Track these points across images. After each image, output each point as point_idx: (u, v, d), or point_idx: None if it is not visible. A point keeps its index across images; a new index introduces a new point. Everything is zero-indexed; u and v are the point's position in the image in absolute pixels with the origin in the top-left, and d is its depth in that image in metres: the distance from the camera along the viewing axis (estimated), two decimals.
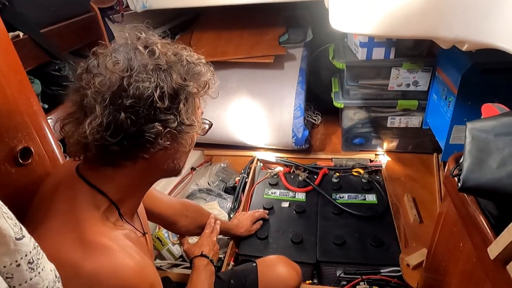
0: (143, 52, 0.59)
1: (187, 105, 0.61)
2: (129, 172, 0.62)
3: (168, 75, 0.58)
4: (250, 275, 1.01)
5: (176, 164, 0.67)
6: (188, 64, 0.62)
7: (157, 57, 0.59)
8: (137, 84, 0.55)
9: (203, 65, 0.65)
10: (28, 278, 0.39)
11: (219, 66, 1.70)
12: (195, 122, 0.63)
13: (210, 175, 1.75)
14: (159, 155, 0.62)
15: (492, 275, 0.59)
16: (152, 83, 0.56)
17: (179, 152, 0.66)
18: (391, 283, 1.14)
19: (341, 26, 0.96)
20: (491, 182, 0.54)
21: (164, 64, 0.59)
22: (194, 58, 0.65)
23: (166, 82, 0.57)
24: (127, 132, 0.56)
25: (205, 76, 0.65)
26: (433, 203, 1.36)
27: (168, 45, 0.63)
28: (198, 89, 0.63)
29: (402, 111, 1.56)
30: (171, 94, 0.58)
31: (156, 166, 0.64)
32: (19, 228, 0.38)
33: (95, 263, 0.53)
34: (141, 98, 0.55)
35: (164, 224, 1.10)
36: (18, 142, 0.71)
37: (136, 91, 0.55)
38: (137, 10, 1.52)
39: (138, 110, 0.55)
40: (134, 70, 0.56)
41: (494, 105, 0.70)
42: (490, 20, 0.65)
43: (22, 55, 0.80)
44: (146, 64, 0.57)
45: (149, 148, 0.59)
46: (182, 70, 0.61)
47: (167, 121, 0.58)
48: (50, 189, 0.64)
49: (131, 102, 0.55)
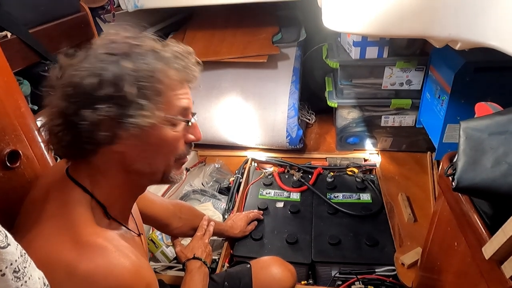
0: (104, 43, 0.59)
1: (142, 97, 0.55)
2: (105, 171, 0.61)
3: (115, 64, 0.55)
4: (244, 277, 1.00)
5: (152, 167, 0.63)
6: (153, 54, 0.58)
7: (111, 47, 0.57)
8: (76, 73, 0.55)
9: (174, 56, 0.61)
10: (14, 287, 0.38)
11: (212, 65, 1.69)
12: (155, 117, 0.57)
13: (204, 175, 1.74)
14: (125, 150, 0.59)
15: (486, 275, 0.59)
16: (92, 71, 0.54)
17: (149, 152, 0.61)
18: (386, 282, 1.14)
19: (334, 25, 0.96)
20: (486, 181, 0.54)
21: (116, 53, 0.56)
22: (171, 49, 0.61)
23: (110, 70, 0.54)
24: (68, 119, 0.55)
25: (173, 64, 0.60)
26: (427, 202, 1.37)
27: (130, 37, 0.60)
28: (161, 79, 0.57)
29: (395, 110, 1.56)
30: (113, 83, 0.54)
31: (128, 165, 0.61)
32: (4, 236, 0.37)
33: (90, 264, 0.52)
34: (79, 85, 0.54)
35: (157, 226, 1.08)
36: (6, 145, 0.70)
37: (77, 79, 0.54)
38: (129, 10, 1.50)
39: (78, 98, 0.55)
40: (82, 61, 0.56)
41: (488, 104, 0.70)
42: (483, 19, 0.65)
43: (9, 55, 0.78)
44: (97, 55, 0.56)
45: (96, 138, 0.56)
46: (140, 59, 0.56)
47: (103, 110, 0.54)
48: (41, 192, 0.63)
49: (70, 90, 0.55)
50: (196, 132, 0.68)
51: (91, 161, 0.60)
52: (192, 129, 0.67)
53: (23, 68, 0.98)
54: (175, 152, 0.64)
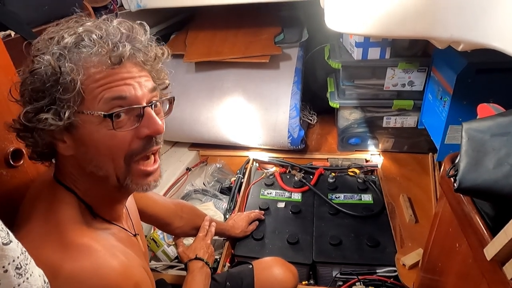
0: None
1: (48, 95, 0.51)
2: (76, 175, 0.60)
3: (32, 62, 0.53)
4: (246, 278, 1.00)
5: (101, 170, 0.56)
6: (71, 41, 0.52)
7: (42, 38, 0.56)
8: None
9: (105, 38, 0.53)
10: (16, 284, 0.38)
11: (214, 66, 1.69)
12: (79, 115, 0.52)
13: (206, 175, 1.74)
14: (74, 156, 0.56)
15: (488, 276, 0.59)
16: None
17: (90, 154, 0.55)
18: (387, 283, 1.14)
19: (336, 26, 0.96)
20: (488, 182, 0.54)
21: (40, 48, 0.54)
22: (93, 30, 0.53)
23: (23, 69, 0.53)
24: (20, 119, 0.55)
25: (92, 55, 0.52)
26: (429, 203, 1.36)
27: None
28: (74, 72, 0.50)
29: (397, 111, 1.56)
30: (23, 83, 0.53)
31: (80, 167, 0.58)
32: (6, 233, 0.37)
33: (75, 264, 0.51)
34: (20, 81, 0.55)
35: (158, 225, 1.09)
36: (9, 143, 0.70)
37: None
38: (132, 10, 1.51)
39: (22, 96, 0.55)
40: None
41: (490, 105, 0.70)
42: (485, 20, 0.65)
43: (13, 54, 0.79)
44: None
45: (36, 142, 0.55)
46: (46, 54, 0.52)
47: (24, 113, 0.52)
48: (34, 193, 0.63)
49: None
50: (150, 124, 0.55)
51: (62, 163, 0.60)
52: (146, 120, 0.55)
53: None
54: (122, 152, 0.55)
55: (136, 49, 0.56)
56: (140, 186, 0.59)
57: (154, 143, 0.58)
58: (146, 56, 0.57)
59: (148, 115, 0.56)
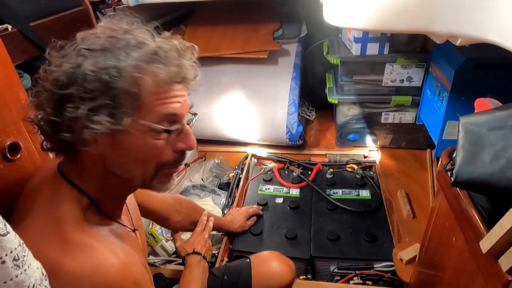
0: (87, 36, 0.55)
1: (111, 100, 0.51)
2: (90, 169, 0.59)
3: (89, 61, 0.51)
4: (244, 271, 1.01)
5: (129, 173, 0.59)
6: (135, 51, 0.52)
7: (89, 42, 0.53)
8: (54, 68, 0.52)
9: (170, 55, 0.55)
10: (14, 275, 0.38)
11: (212, 61, 1.69)
12: (125, 124, 0.52)
13: (204, 171, 1.75)
14: (102, 156, 0.56)
15: (484, 269, 0.59)
16: (67, 67, 0.51)
17: (124, 158, 0.57)
18: (384, 278, 1.14)
19: (335, 21, 0.96)
20: (484, 176, 0.54)
21: (95, 49, 0.52)
22: (160, 46, 0.54)
23: (83, 68, 0.50)
24: (47, 117, 0.54)
25: (158, 68, 0.53)
26: (426, 199, 1.37)
27: (110, 30, 0.55)
28: (133, 85, 0.52)
29: (396, 106, 1.56)
30: (82, 81, 0.50)
31: (107, 168, 0.58)
32: (3, 224, 0.37)
33: (75, 262, 0.52)
34: (53, 82, 0.52)
35: (157, 220, 1.09)
36: (6, 137, 0.70)
37: (52, 75, 0.52)
38: (129, 4, 1.50)
39: (50, 93, 0.53)
40: (66, 54, 0.53)
41: (487, 100, 0.70)
42: (483, 15, 0.65)
43: (10, 48, 0.78)
44: (69, 53, 0.53)
45: (68, 139, 0.54)
46: (113, 59, 0.51)
47: (73, 111, 0.51)
48: (34, 187, 0.63)
49: (48, 84, 0.53)
50: (187, 141, 0.60)
51: (78, 158, 0.59)
52: (183, 137, 0.59)
53: (24, 61, 0.98)
54: (156, 161, 0.58)
55: (193, 71, 0.59)
56: (163, 186, 0.62)
57: (185, 157, 0.62)
58: (193, 77, 0.60)
59: (187, 132, 0.60)
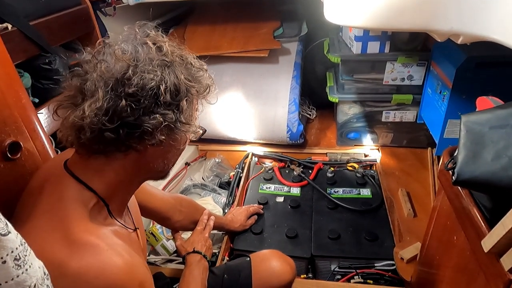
0: (151, 47, 0.60)
1: (187, 104, 0.62)
2: (118, 167, 0.61)
3: (172, 72, 0.60)
4: (244, 270, 1.01)
5: (166, 164, 0.68)
6: (192, 67, 0.65)
7: (164, 53, 0.61)
8: (142, 74, 0.56)
9: (204, 71, 0.68)
10: (15, 275, 0.38)
11: (213, 60, 1.68)
12: (191, 122, 0.65)
13: (205, 170, 1.74)
14: (151, 150, 0.61)
15: (485, 268, 0.59)
16: (157, 76, 0.57)
17: (171, 151, 0.67)
18: (385, 276, 1.14)
19: (336, 19, 0.95)
20: (486, 174, 0.54)
21: (170, 62, 0.61)
22: (198, 63, 0.67)
23: (169, 78, 0.59)
24: (125, 120, 0.56)
25: (206, 80, 0.67)
26: (427, 197, 1.37)
27: (174, 47, 0.65)
28: (198, 91, 0.65)
29: (396, 105, 1.56)
30: (173, 90, 0.59)
31: (146, 163, 0.63)
32: (4, 224, 0.37)
33: (82, 262, 0.52)
34: (144, 88, 0.56)
35: (157, 220, 1.09)
36: (7, 136, 0.70)
37: (140, 80, 0.56)
38: (130, 3, 1.49)
39: (140, 100, 0.56)
40: (141, 61, 0.58)
41: (489, 98, 0.70)
42: (485, 13, 0.64)
43: (10, 48, 0.78)
44: (153, 58, 0.59)
45: (143, 140, 0.59)
46: (186, 71, 0.63)
47: (166, 115, 0.59)
48: (38, 185, 0.63)
49: (134, 91, 0.56)
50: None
51: (108, 157, 0.60)
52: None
53: (24, 60, 0.98)
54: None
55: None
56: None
57: None
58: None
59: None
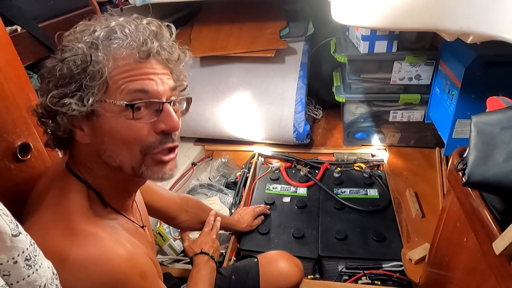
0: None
1: (78, 83, 0.53)
2: (85, 154, 0.61)
3: (64, 51, 0.55)
4: (252, 271, 1.01)
5: (116, 159, 0.58)
6: (102, 34, 0.55)
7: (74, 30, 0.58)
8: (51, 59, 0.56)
9: (133, 33, 0.56)
10: (26, 275, 0.38)
11: (219, 60, 1.68)
12: (102, 103, 0.54)
13: (211, 170, 1.75)
14: (92, 144, 0.58)
15: (497, 270, 0.58)
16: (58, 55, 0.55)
17: (107, 144, 0.57)
18: (393, 277, 1.14)
19: (343, 19, 0.95)
20: (497, 176, 0.53)
21: (72, 35, 0.57)
22: (121, 26, 0.56)
23: (56, 58, 0.55)
24: (48, 106, 0.55)
25: (120, 47, 0.55)
26: (435, 198, 1.35)
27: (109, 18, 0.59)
28: (104, 62, 0.53)
29: (404, 105, 1.54)
30: (54, 70, 0.54)
31: (100, 157, 0.59)
32: (15, 225, 0.38)
33: (82, 251, 0.52)
34: (48, 68, 0.56)
35: (164, 219, 1.09)
36: (17, 138, 0.70)
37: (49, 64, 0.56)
38: (136, 4, 1.50)
39: (47, 82, 0.56)
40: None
41: (499, 98, 0.69)
42: (495, 12, 0.63)
43: (20, 49, 0.79)
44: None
45: (57, 129, 0.57)
46: (84, 39, 0.55)
47: (50, 99, 0.54)
48: (43, 186, 0.64)
49: (44, 74, 0.56)
50: (167, 120, 0.57)
51: (76, 151, 0.61)
52: (164, 117, 0.57)
53: (33, 62, 0.99)
54: (138, 144, 0.57)
55: (163, 47, 0.59)
56: (155, 174, 0.60)
57: (171, 140, 0.60)
58: (170, 55, 0.60)
59: (166, 111, 0.58)
